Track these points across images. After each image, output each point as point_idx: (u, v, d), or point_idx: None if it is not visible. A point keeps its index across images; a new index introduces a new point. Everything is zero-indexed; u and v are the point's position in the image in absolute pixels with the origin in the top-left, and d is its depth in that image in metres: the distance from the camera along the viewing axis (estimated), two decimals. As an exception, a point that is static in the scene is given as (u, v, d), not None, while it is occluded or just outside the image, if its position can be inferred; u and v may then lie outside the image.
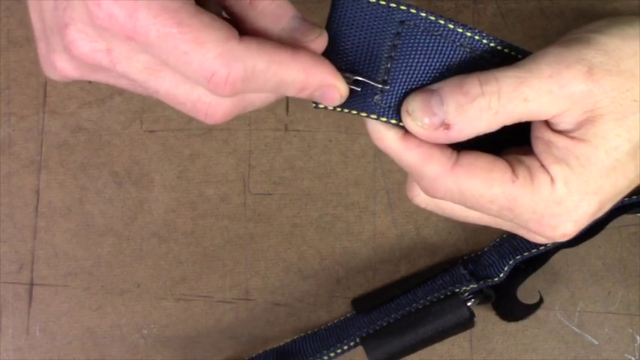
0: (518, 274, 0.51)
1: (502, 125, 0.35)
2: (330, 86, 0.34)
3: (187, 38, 0.30)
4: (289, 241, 0.53)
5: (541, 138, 0.36)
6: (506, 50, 0.37)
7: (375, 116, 0.36)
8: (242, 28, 0.33)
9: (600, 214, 0.37)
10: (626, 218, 0.52)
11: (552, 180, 0.35)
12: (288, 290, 0.53)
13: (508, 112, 0.34)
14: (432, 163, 0.36)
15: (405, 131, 0.36)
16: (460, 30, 0.36)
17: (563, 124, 0.35)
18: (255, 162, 0.53)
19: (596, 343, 0.52)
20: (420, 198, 0.40)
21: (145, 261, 0.53)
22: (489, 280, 0.50)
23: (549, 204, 0.35)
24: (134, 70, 0.33)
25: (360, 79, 0.36)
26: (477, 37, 0.36)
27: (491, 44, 0.36)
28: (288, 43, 0.33)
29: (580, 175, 0.35)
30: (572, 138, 0.35)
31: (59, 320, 0.53)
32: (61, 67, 0.34)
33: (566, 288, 0.53)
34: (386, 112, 0.36)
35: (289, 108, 0.54)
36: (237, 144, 0.53)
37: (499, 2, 0.53)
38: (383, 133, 0.36)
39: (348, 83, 0.35)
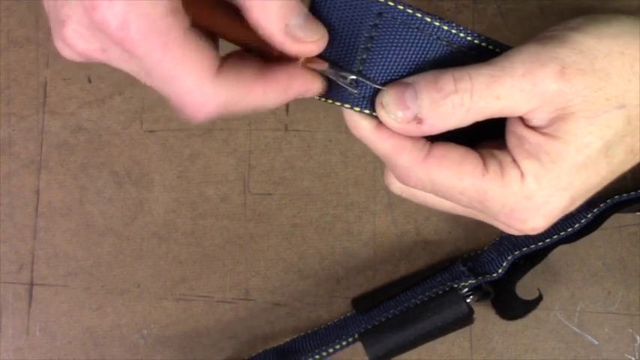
0: (516, 270, 0.51)
1: (474, 121, 0.35)
2: (306, 92, 0.36)
3: (169, 65, 0.32)
4: (289, 241, 0.53)
5: (514, 132, 0.36)
6: (483, 44, 0.37)
7: (349, 105, 0.37)
8: (244, 20, 0.34)
9: (571, 208, 0.37)
10: (626, 218, 0.52)
11: (522, 175, 0.35)
12: (288, 290, 0.53)
13: (480, 109, 0.35)
14: (404, 154, 0.36)
15: (379, 121, 0.37)
16: (437, 23, 0.36)
17: (536, 120, 0.35)
18: (255, 162, 0.53)
19: (596, 343, 0.52)
20: (396, 185, 0.40)
21: (145, 261, 0.53)
22: (488, 276, 0.50)
23: (519, 198, 0.36)
24: (129, 69, 0.34)
25: (333, 72, 0.36)
26: (453, 31, 0.36)
27: (469, 38, 0.37)
28: (287, 41, 0.34)
29: (550, 170, 0.35)
30: (544, 134, 0.35)
31: (59, 320, 0.53)
32: (63, 52, 0.35)
33: (566, 288, 0.53)
34: (360, 102, 0.37)
35: (289, 108, 0.54)
36: (237, 144, 0.53)
37: (499, 2, 0.53)
38: (358, 122, 0.37)
39: (323, 72, 0.36)
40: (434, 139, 0.37)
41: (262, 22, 0.33)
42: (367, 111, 0.37)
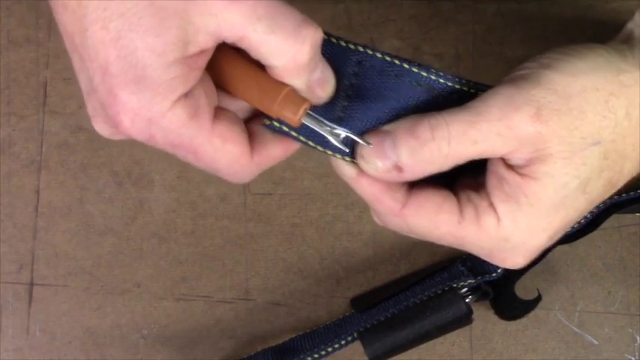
0: (516, 270, 0.51)
1: (454, 165, 0.36)
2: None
3: (203, 165, 0.34)
4: (289, 241, 0.53)
5: (495, 172, 0.37)
6: (465, 88, 0.37)
7: (330, 152, 0.37)
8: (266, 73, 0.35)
9: (550, 243, 0.38)
10: (626, 218, 0.52)
11: (499, 219, 0.36)
12: (288, 290, 0.53)
13: (458, 154, 0.35)
14: (382, 203, 0.37)
15: (360, 169, 0.37)
16: (415, 70, 0.37)
17: (514, 159, 0.36)
18: (255, 162, 0.53)
19: (596, 343, 0.52)
20: (378, 220, 0.41)
21: (145, 261, 0.53)
22: (487, 276, 0.50)
23: (497, 241, 0.36)
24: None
25: (313, 115, 0.36)
26: (432, 77, 0.37)
27: (449, 83, 0.37)
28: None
29: (528, 213, 0.35)
30: (523, 175, 0.35)
31: (59, 320, 0.53)
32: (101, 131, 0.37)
33: (566, 288, 0.53)
34: (341, 150, 0.37)
35: (289, 108, 0.54)
36: (237, 144, 0.53)
37: (499, 2, 0.53)
38: (341, 168, 0.38)
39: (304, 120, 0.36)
40: (415, 182, 0.37)
41: (286, 80, 0.34)
42: (348, 159, 0.37)
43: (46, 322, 0.53)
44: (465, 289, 0.51)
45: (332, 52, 0.36)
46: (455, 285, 0.50)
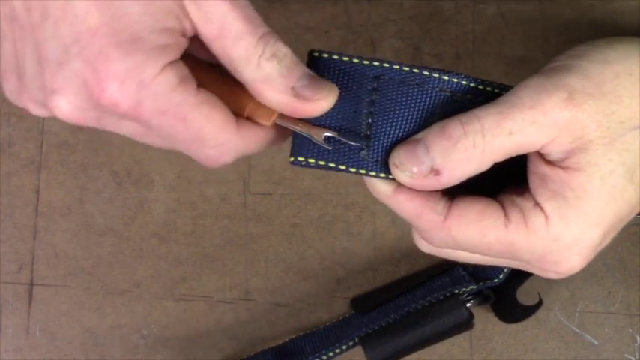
0: (517, 276, 0.51)
1: (493, 162, 0.35)
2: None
3: (189, 134, 0.33)
4: (289, 241, 0.53)
5: (536, 173, 0.35)
6: (488, 89, 0.36)
7: (364, 171, 0.36)
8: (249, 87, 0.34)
9: (605, 243, 0.36)
10: (626, 218, 0.52)
11: (547, 218, 0.35)
12: (288, 290, 0.53)
13: (495, 148, 0.34)
14: (423, 218, 0.36)
15: (398, 184, 0.36)
16: (436, 75, 0.36)
17: (554, 153, 0.35)
18: (255, 162, 0.53)
19: (596, 343, 0.52)
20: (424, 244, 0.40)
21: (145, 261, 0.53)
22: (489, 281, 0.50)
23: (547, 242, 0.35)
24: (123, 131, 0.34)
25: (335, 136, 0.36)
26: (455, 80, 0.36)
27: (472, 84, 0.36)
28: (297, 103, 0.34)
29: (577, 207, 0.34)
30: (566, 168, 0.34)
31: (59, 320, 0.53)
32: (32, 109, 0.35)
33: (566, 288, 0.53)
34: (374, 167, 0.36)
35: (289, 108, 0.54)
36: (237, 144, 0.53)
37: (499, 2, 0.53)
38: (377, 187, 0.37)
39: (328, 141, 0.36)
40: (456, 193, 0.36)
41: (267, 94, 0.34)
42: (383, 175, 0.36)
43: (46, 322, 0.53)
44: (466, 295, 0.51)
45: (347, 70, 0.36)
46: (456, 291, 0.50)
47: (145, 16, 0.31)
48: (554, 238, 0.35)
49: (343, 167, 0.36)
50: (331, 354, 0.50)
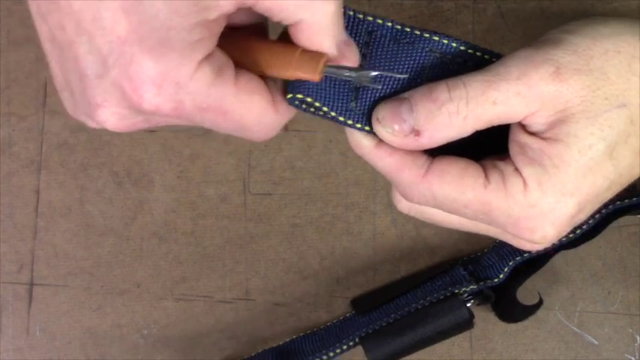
0: (518, 275, 0.51)
1: (474, 130, 0.35)
2: None
3: (232, 125, 0.33)
4: (289, 241, 0.53)
5: (516, 141, 0.36)
6: (478, 53, 0.37)
7: (351, 122, 0.37)
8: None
9: (582, 216, 0.37)
10: (626, 218, 0.52)
11: (525, 183, 0.35)
12: (288, 290, 0.53)
13: (477, 115, 0.34)
14: (405, 171, 0.36)
15: (380, 139, 0.37)
16: (427, 35, 0.36)
17: (536, 125, 0.35)
18: (255, 162, 0.53)
19: (596, 343, 0.52)
20: (402, 204, 0.40)
21: (145, 261, 0.53)
22: (489, 281, 0.50)
23: (524, 207, 0.35)
24: (174, 123, 0.34)
25: (382, 74, 0.36)
26: (444, 41, 0.36)
27: (461, 47, 0.36)
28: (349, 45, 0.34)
29: (554, 175, 0.34)
30: (546, 139, 0.35)
31: (59, 320, 0.53)
32: (91, 125, 0.35)
33: (566, 288, 0.53)
34: (360, 119, 0.37)
35: (289, 108, 0.54)
36: (237, 144, 0.53)
37: (499, 2, 0.53)
38: (359, 141, 0.37)
39: (375, 80, 0.35)
40: (436, 155, 0.37)
41: (327, 37, 0.33)
42: (367, 128, 0.37)
43: (46, 322, 0.53)
44: (466, 294, 0.51)
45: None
46: (457, 290, 0.50)
47: (172, 15, 0.30)
48: (530, 203, 0.35)
49: (333, 114, 0.37)
50: (331, 354, 0.50)
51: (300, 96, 0.36)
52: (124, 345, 0.53)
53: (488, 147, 0.38)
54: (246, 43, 0.34)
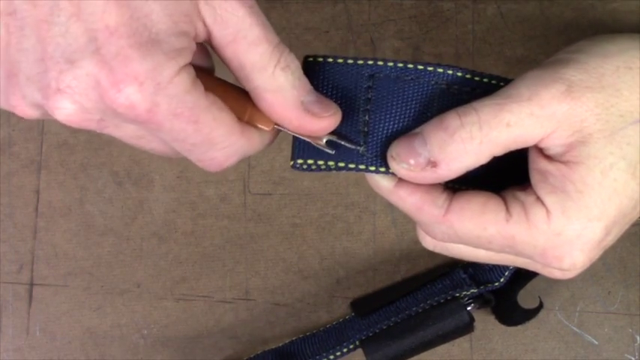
0: (518, 279, 0.51)
1: (491, 155, 0.35)
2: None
3: (199, 138, 0.33)
4: (289, 241, 0.53)
5: (537, 169, 0.35)
6: (485, 80, 0.36)
7: (363, 166, 0.37)
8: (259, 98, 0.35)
9: (610, 239, 0.36)
10: (626, 218, 0.52)
11: (548, 212, 0.34)
12: (288, 290, 0.53)
13: (492, 140, 0.34)
14: (425, 211, 0.36)
15: (398, 179, 0.36)
16: (431, 68, 0.36)
17: (554, 147, 0.34)
18: (255, 162, 0.53)
19: (596, 343, 0.52)
20: (427, 240, 0.40)
21: (145, 261, 0.53)
22: (490, 285, 0.50)
23: (549, 236, 0.34)
24: (120, 134, 0.34)
25: (335, 139, 0.36)
26: (449, 72, 0.36)
27: (467, 76, 0.36)
28: (307, 118, 0.35)
29: (578, 200, 0.34)
30: (566, 162, 0.34)
31: (59, 320, 0.53)
32: (21, 111, 0.34)
33: (566, 288, 0.52)
34: (373, 161, 0.36)
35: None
36: (237, 144, 0.53)
37: (499, 2, 0.53)
38: (377, 181, 0.37)
39: (329, 145, 0.36)
40: (457, 189, 0.36)
41: (277, 106, 0.34)
42: (382, 169, 0.36)
43: (46, 322, 0.53)
44: (466, 298, 0.51)
45: (341, 71, 0.36)
46: (457, 294, 0.50)
47: (164, 17, 0.30)
48: (556, 232, 0.34)
49: (342, 164, 0.37)
50: (332, 357, 0.50)
51: (300, 161, 0.36)
52: (124, 345, 0.53)
53: (511, 177, 0.37)
54: (210, 80, 0.35)
